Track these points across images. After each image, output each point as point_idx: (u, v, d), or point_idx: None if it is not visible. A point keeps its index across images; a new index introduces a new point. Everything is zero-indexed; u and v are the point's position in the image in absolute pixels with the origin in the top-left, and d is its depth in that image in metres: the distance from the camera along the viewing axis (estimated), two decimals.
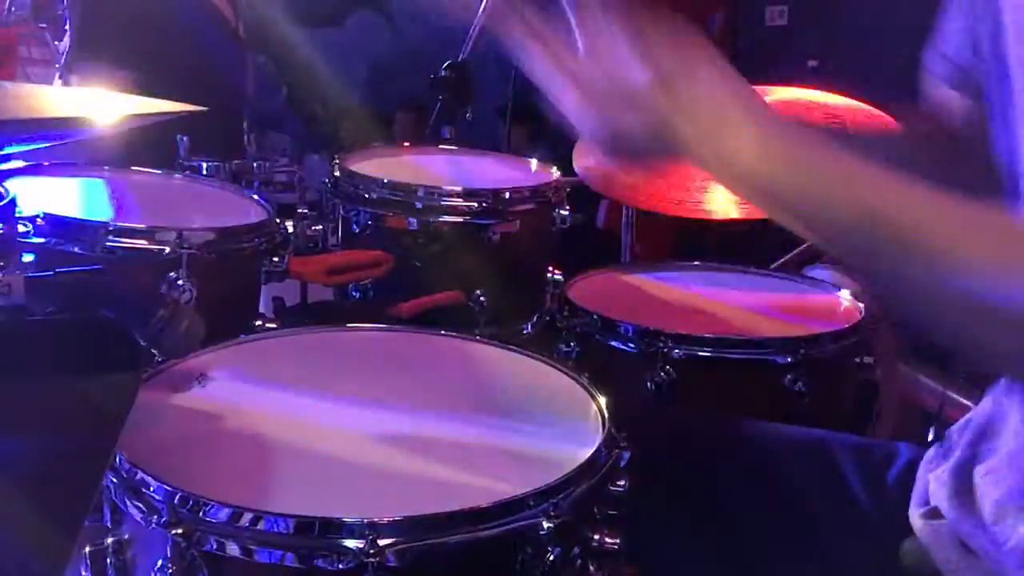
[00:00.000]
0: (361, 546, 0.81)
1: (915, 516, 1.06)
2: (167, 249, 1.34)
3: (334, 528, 0.82)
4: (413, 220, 1.73)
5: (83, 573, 0.95)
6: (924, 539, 1.03)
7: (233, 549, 0.84)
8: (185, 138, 1.92)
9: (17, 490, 0.82)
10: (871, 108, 1.79)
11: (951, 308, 0.80)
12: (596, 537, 0.93)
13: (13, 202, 1.20)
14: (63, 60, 2.40)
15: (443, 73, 2.29)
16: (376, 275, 1.69)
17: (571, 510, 0.88)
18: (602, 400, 1.08)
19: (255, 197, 1.68)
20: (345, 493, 0.92)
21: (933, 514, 1.04)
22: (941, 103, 1.13)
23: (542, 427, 1.05)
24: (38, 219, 1.33)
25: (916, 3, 1.13)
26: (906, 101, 1.20)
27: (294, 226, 1.65)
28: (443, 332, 1.29)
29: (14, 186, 1.23)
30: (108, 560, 0.94)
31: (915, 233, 0.79)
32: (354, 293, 1.79)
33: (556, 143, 2.23)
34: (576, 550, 0.91)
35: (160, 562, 0.84)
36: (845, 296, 1.64)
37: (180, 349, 1.06)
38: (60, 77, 2.38)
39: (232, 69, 2.60)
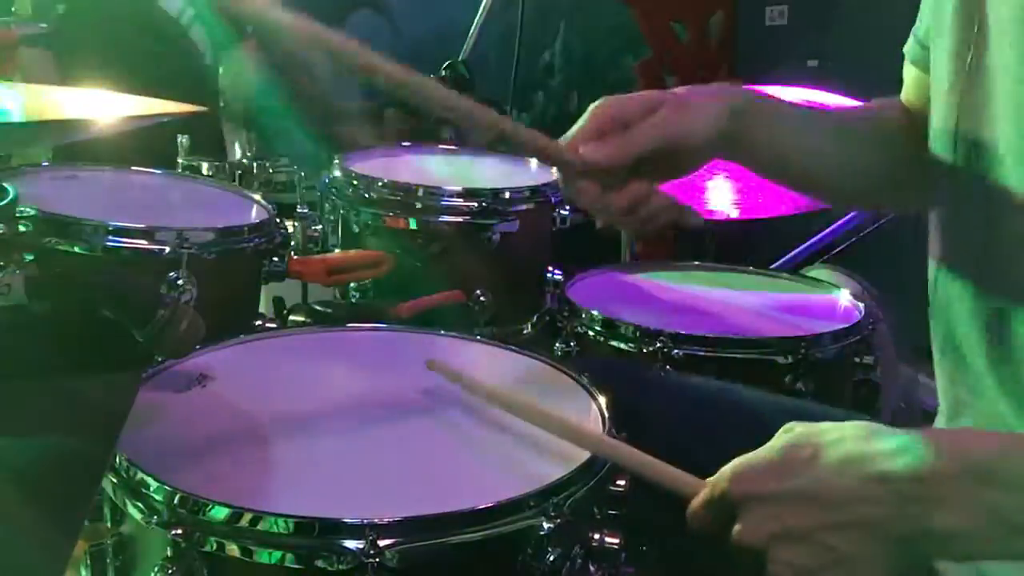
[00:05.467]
0: (361, 546, 0.81)
1: None
2: (167, 249, 1.34)
3: (334, 528, 0.82)
4: (413, 220, 1.73)
5: (83, 573, 0.95)
6: None
7: (233, 549, 0.83)
8: (185, 138, 1.93)
9: (17, 490, 0.82)
10: None
11: None
12: (596, 537, 0.93)
13: (13, 202, 1.20)
14: None
15: (443, 73, 2.29)
16: (376, 275, 1.69)
17: (571, 510, 0.88)
18: (602, 400, 1.08)
19: (255, 197, 1.68)
20: (345, 493, 0.92)
21: None
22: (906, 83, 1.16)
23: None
24: (38, 219, 1.32)
25: (916, 3, 1.13)
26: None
27: (294, 226, 1.65)
28: (443, 332, 1.29)
29: (15, 185, 1.23)
30: (108, 560, 0.94)
31: None
32: (354, 293, 1.79)
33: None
34: (576, 550, 0.91)
35: (160, 562, 0.83)
36: (845, 296, 1.64)
37: (180, 349, 1.06)
38: None
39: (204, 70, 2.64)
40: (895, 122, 1.21)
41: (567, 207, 1.83)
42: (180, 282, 1.33)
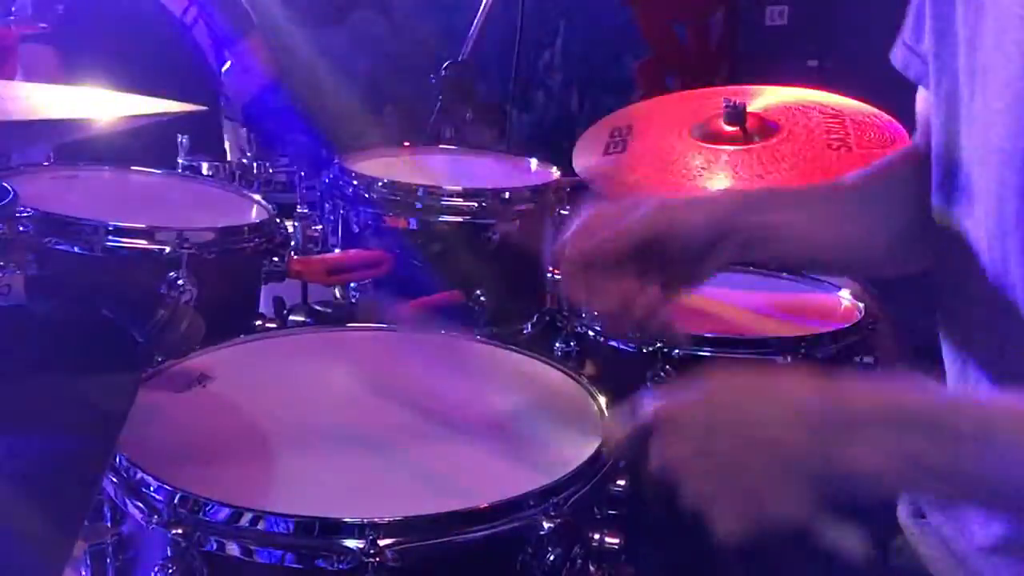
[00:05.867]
0: (361, 546, 0.81)
1: (903, 516, 1.06)
2: (167, 249, 1.34)
3: (334, 528, 0.82)
4: (413, 220, 1.73)
5: (83, 573, 0.95)
6: (911, 538, 1.04)
7: (233, 549, 0.84)
8: (185, 138, 1.93)
9: (17, 490, 0.82)
10: (871, 108, 1.79)
11: None
12: (596, 537, 0.93)
13: (13, 201, 1.20)
14: None
15: (443, 73, 2.29)
16: (376, 275, 1.69)
17: (571, 510, 0.88)
18: (602, 400, 1.08)
19: (255, 197, 1.68)
20: (345, 493, 0.92)
21: (918, 514, 1.04)
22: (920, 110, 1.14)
23: (542, 427, 1.05)
24: (38, 219, 1.32)
25: None
26: (904, 102, 1.21)
27: (294, 226, 1.65)
28: (443, 332, 1.29)
29: (14, 185, 1.23)
30: (108, 560, 0.94)
31: None
32: (354, 293, 1.79)
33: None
34: (576, 550, 0.91)
35: (160, 562, 0.83)
36: (845, 296, 1.64)
37: (180, 349, 1.06)
38: None
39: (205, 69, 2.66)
40: (913, 176, 1.12)
41: (567, 207, 1.83)
42: (180, 282, 1.33)
